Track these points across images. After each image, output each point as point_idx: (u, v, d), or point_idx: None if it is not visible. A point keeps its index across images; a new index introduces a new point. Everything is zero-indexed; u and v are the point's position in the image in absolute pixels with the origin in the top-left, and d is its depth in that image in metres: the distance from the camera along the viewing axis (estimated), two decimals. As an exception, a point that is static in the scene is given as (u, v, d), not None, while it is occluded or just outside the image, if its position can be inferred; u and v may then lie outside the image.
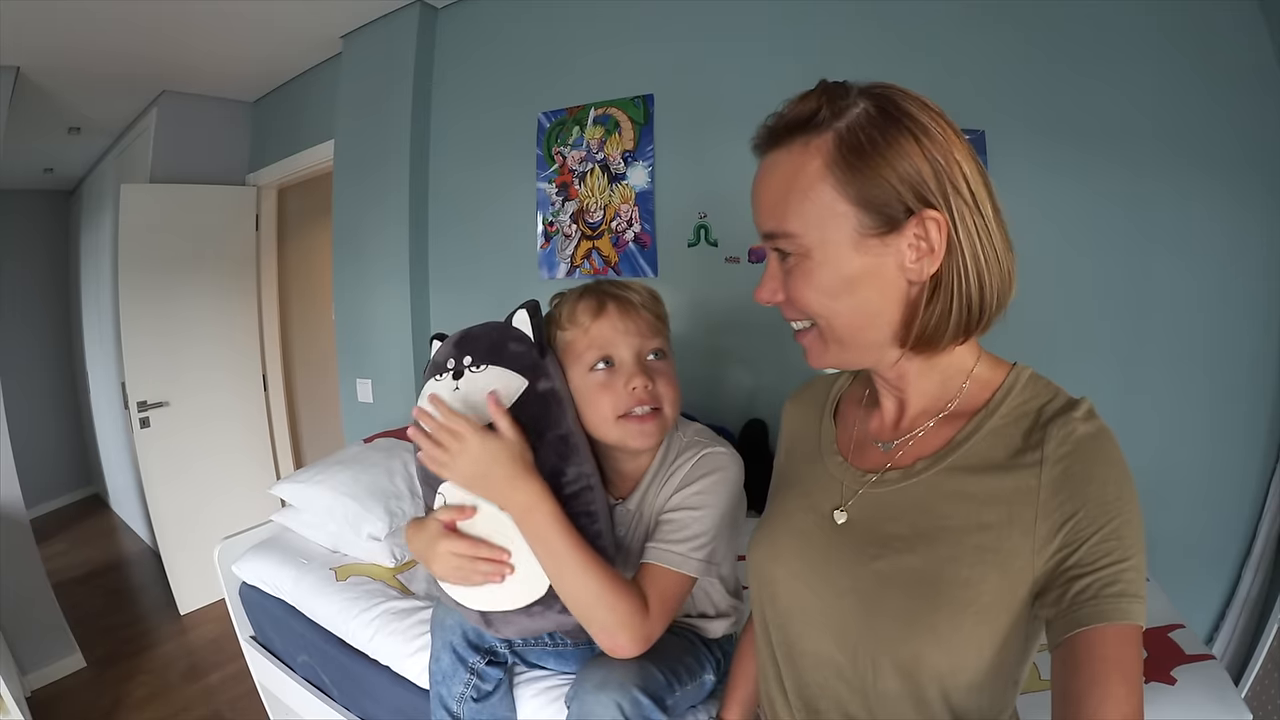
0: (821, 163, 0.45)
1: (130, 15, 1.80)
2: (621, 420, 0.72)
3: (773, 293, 0.51)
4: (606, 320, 0.74)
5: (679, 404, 0.76)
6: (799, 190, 0.46)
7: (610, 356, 0.74)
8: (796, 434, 0.65)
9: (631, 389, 0.71)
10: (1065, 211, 1.28)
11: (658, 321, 0.77)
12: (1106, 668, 0.38)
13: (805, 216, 0.46)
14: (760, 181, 0.50)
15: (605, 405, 0.72)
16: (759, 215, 0.50)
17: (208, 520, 2.39)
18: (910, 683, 0.45)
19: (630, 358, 0.73)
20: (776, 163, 0.49)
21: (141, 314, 2.36)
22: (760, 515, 0.64)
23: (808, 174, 0.46)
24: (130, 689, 1.92)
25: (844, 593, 0.49)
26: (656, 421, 0.73)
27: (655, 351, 0.75)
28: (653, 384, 0.73)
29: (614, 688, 0.67)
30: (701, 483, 0.74)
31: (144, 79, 2.31)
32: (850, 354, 0.50)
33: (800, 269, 0.48)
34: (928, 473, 0.49)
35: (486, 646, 0.87)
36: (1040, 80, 1.26)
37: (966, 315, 0.46)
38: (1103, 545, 0.40)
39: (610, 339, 0.73)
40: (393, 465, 1.45)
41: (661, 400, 0.73)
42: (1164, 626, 0.94)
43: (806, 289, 0.48)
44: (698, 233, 1.63)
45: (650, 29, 1.67)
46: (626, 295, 0.76)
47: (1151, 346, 1.24)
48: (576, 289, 0.79)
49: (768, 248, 0.51)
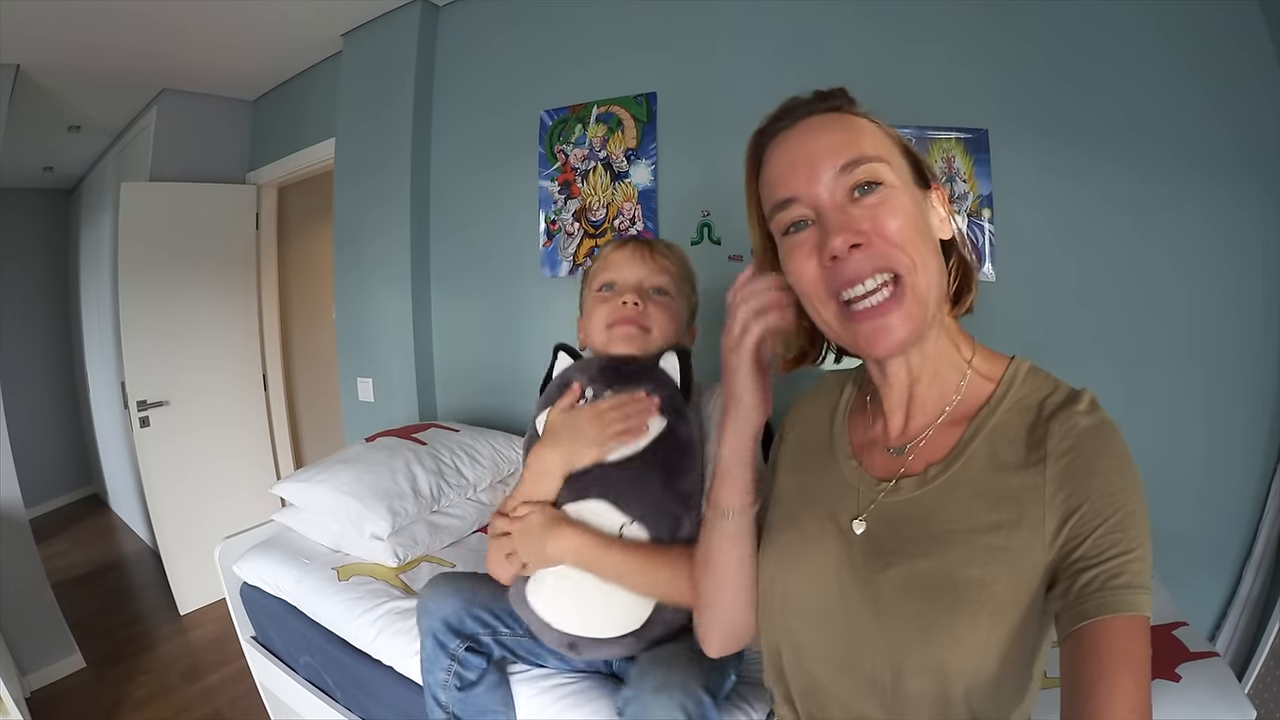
0: (870, 123, 0.50)
1: (130, 13, 1.80)
2: (609, 328, 0.83)
3: (858, 232, 0.45)
4: (621, 253, 0.87)
5: (672, 333, 0.85)
6: (867, 131, 0.49)
7: (614, 281, 0.86)
8: (808, 432, 0.64)
9: (622, 302, 0.82)
10: (1066, 211, 1.28)
11: (671, 266, 0.87)
12: (1114, 660, 0.38)
13: (880, 149, 0.48)
14: (819, 130, 0.49)
15: (600, 315, 0.84)
16: (828, 154, 0.47)
17: (208, 520, 2.39)
18: (934, 685, 0.45)
19: (631, 283, 0.85)
20: (829, 119, 0.49)
21: (141, 313, 2.35)
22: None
23: (866, 124, 0.50)
24: (130, 689, 1.92)
25: (863, 601, 0.48)
26: (638, 328, 0.82)
27: (657, 289, 0.85)
28: (643, 305, 0.82)
29: (676, 688, 0.67)
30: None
31: (144, 77, 2.30)
32: (924, 314, 0.47)
33: (891, 200, 0.46)
34: (941, 478, 0.49)
35: (467, 632, 0.87)
36: (1041, 80, 1.26)
37: (971, 280, 0.53)
38: (1108, 538, 0.40)
39: (618, 266, 0.86)
40: (395, 464, 1.44)
41: (650, 322, 0.83)
42: (1168, 624, 0.94)
43: (896, 219, 0.45)
44: (701, 231, 1.63)
45: (653, 27, 1.66)
46: (649, 240, 0.90)
47: (1152, 346, 1.24)
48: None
49: (840, 190, 0.46)
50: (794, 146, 0.49)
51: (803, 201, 0.47)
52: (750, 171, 0.54)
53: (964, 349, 0.52)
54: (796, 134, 0.49)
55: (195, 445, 2.49)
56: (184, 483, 2.44)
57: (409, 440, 1.57)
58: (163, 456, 2.39)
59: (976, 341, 0.54)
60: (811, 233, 0.48)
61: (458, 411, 2.11)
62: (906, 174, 0.49)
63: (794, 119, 0.50)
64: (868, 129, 0.49)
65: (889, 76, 1.35)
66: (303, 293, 3.05)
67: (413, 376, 2.08)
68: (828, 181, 0.47)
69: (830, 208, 0.47)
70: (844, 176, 0.46)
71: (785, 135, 0.50)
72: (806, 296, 0.50)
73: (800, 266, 0.48)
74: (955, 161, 1.29)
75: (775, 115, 0.52)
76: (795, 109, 0.51)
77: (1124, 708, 0.37)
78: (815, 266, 0.47)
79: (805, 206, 0.47)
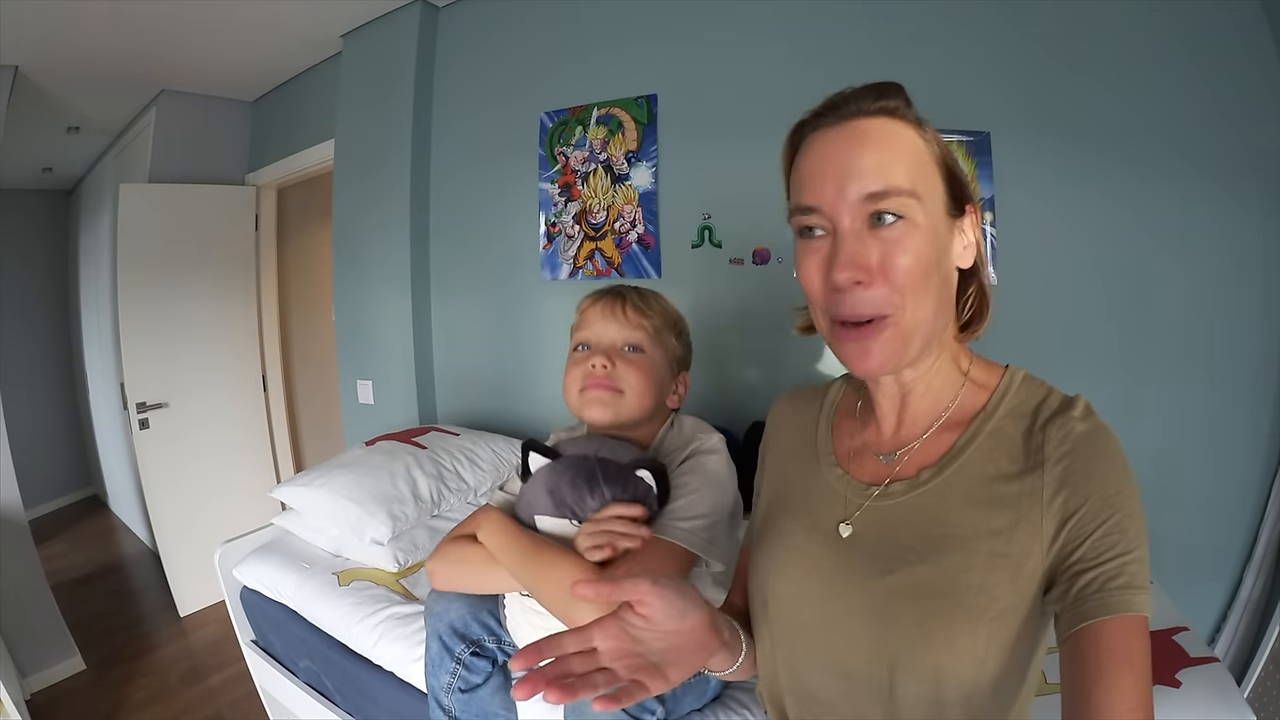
0: (917, 135, 0.47)
1: (129, 14, 1.79)
2: (581, 392, 0.82)
3: (864, 270, 0.44)
4: (594, 310, 0.85)
5: (648, 390, 0.82)
6: (909, 152, 0.46)
7: (588, 340, 0.84)
8: (789, 440, 0.63)
9: (591, 366, 0.81)
10: (1069, 214, 1.28)
11: (646, 321, 0.84)
12: (1114, 660, 0.38)
13: (915, 179, 0.45)
14: (859, 142, 0.45)
15: (574, 377, 0.83)
16: (860, 177, 0.45)
17: (207, 522, 2.39)
18: (929, 689, 0.45)
19: (604, 343, 0.83)
20: (874, 127, 0.46)
21: (140, 314, 2.35)
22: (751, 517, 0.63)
23: (911, 138, 0.47)
24: (130, 691, 1.92)
25: (857, 610, 0.48)
26: (609, 391, 0.81)
27: (631, 346, 0.83)
28: (613, 366, 0.81)
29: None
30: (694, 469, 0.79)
31: (143, 78, 2.30)
32: (905, 348, 0.47)
33: (907, 238, 0.45)
34: (933, 481, 0.48)
35: (473, 637, 0.88)
36: (1043, 82, 1.26)
37: (985, 308, 0.53)
38: (1106, 540, 0.40)
39: (590, 324, 0.85)
40: (395, 468, 1.44)
41: (622, 383, 0.81)
42: (1168, 629, 0.94)
43: (906, 259, 0.44)
44: (702, 234, 1.63)
45: (653, 28, 1.66)
46: (623, 294, 0.86)
47: (1154, 348, 1.24)
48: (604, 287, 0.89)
49: (860, 216, 0.45)
50: (830, 153, 0.46)
51: (823, 213, 0.46)
52: (786, 161, 0.53)
53: (962, 362, 0.53)
54: (836, 138, 0.46)
55: (195, 446, 2.49)
56: (183, 484, 2.44)
57: (409, 444, 1.57)
58: (162, 458, 2.38)
59: (973, 353, 0.54)
60: (824, 244, 0.47)
61: (458, 415, 2.11)
62: (939, 203, 0.47)
63: (840, 117, 0.47)
64: (911, 149, 0.46)
65: (891, 79, 1.35)
66: (302, 294, 3.05)
67: (412, 379, 2.08)
68: (851, 203, 0.45)
69: (847, 232, 0.45)
70: (869, 204, 0.45)
71: (826, 134, 0.47)
72: (809, 300, 0.51)
73: (809, 273, 0.48)
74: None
75: (821, 108, 0.49)
76: (843, 105, 0.47)
77: (1124, 706, 0.37)
78: (820, 280, 0.47)
79: (824, 218, 0.46)
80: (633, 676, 0.41)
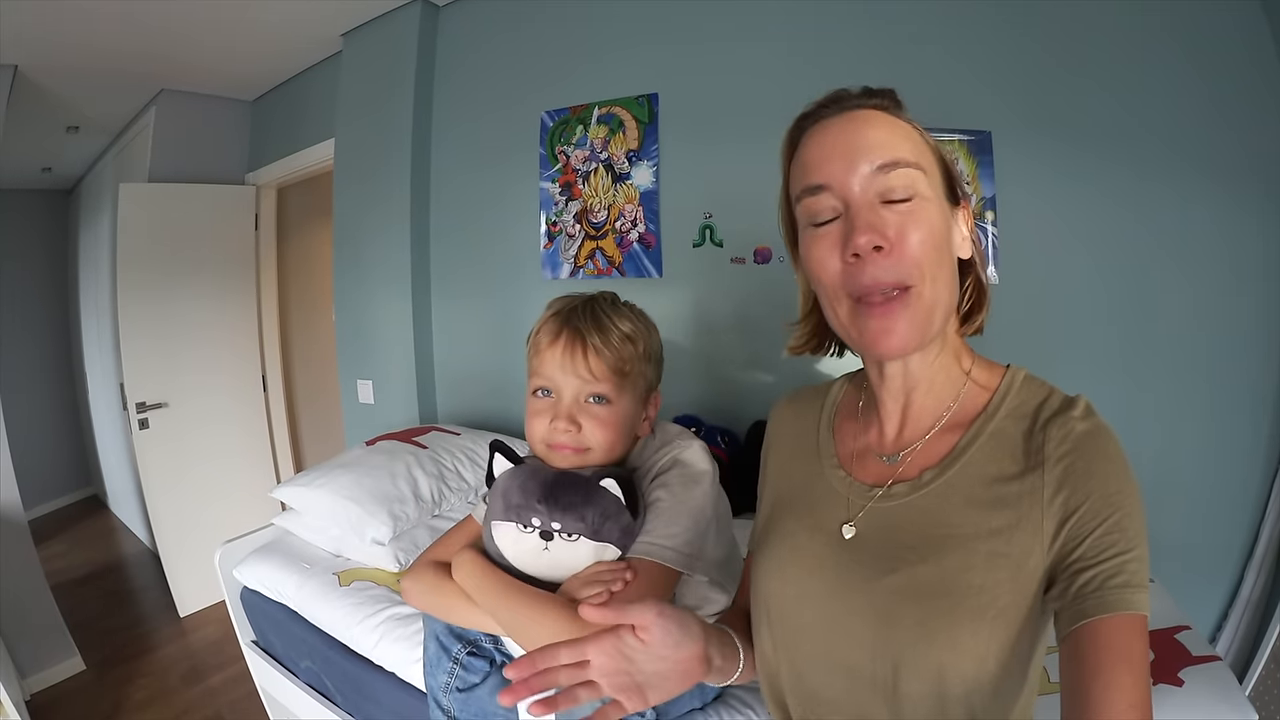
0: (913, 129, 0.50)
1: (129, 13, 1.79)
2: (548, 448, 0.75)
3: (883, 235, 0.45)
4: (553, 352, 0.74)
5: (617, 445, 0.76)
6: (910, 136, 0.48)
7: (548, 388, 0.75)
8: (791, 441, 0.63)
9: (553, 427, 0.73)
10: (1070, 213, 1.28)
11: (608, 369, 0.73)
12: (1112, 657, 0.38)
13: (920, 156, 0.48)
14: (863, 124, 0.48)
15: (536, 427, 0.75)
16: (868, 151, 0.46)
17: (207, 522, 2.39)
18: (932, 687, 0.45)
19: (567, 395, 0.74)
20: (876, 115, 0.49)
21: (140, 314, 2.35)
22: (754, 517, 0.63)
23: (909, 129, 0.49)
24: (130, 692, 1.91)
25: (858, 610, 0.48)
26: (574, 452, 0.74)
27: (595, 396, 0.74)
28: (578, 429, 0.73)
29: None
30: (672, 480, 0.76)
31: (142, 77, 2.30)
32: (929, 324, 0.47)
33: (920, 212, 0.46)
34: (935, 482, 0.49)
35: (470, 637, 0.87)
36: (1044, 82, 1.26)
37: (983, 301, 0.53)
38: (1106, 538, 0.41)
39: (550, 372, 0.74)
40: (395, 468, 1.44)
41: (588, 443, 0.74)
42: (1170, 628, 0.94)
43: (920, 233, 0.45)
44: (703, 233, 1.63)
45: (654, 28, 1.66)
46: (587, 330, 0.74)
47: (1154, 349, 1.24)
48: (564, 303, 0.78)
49: (871, 189, 0.46)
50: (836, 133, 0.48)
51: (833, 191, 0.47)
52: (786, 155, 0.53)
53: (964, 361, 0.53)
54: (840, 123, 0.48)
55: (195, 447, 2.48)
56: (183, 484, 2.44)
57: (409, 444, 1.56)
58: (162, 458, 2.38)
59: (975, 352, 0.54)
60: (837, 226, 0.47)
61: (458, 414, 2.11)
62: (940, 187, 0.49)
63: (840, 109, 0.49)
64: (910, 134, 0.49)
65: (891, 78, 1.33)
66: (302, 293, 3.05)
67: (413, 379, 2.08)
68: (863, 176, 0.46)
69: (860, 204, 0.46)
70: (880, 176, 0.46)
71: (828, 123, 0.49)
72: (823, 290, 0.50)
73: (822, 259, 0.48)
74: (959, 164, 1.29)
75: (821, 102, 0.51)
76: (843, 99, 0.50)
77: (1123, 703, 0.37)
78: (837, 261, 0.47)
79: (835, 198, 0.47)
80: (615, 695, 0.43)
